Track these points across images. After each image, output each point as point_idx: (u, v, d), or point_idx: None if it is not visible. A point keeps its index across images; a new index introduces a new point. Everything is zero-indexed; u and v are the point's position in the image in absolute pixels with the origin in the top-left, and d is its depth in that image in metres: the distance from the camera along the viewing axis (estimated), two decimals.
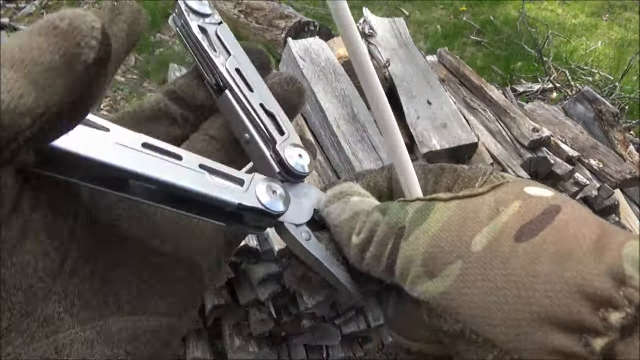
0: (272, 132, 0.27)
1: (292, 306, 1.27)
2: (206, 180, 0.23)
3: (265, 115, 0.27)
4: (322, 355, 1.46)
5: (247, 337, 1.28)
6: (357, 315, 1.42)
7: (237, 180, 0.24)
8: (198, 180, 0.22)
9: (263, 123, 0.27)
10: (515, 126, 1.49)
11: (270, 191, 0.25)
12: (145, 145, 0.21)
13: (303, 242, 0.27)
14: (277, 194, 0.25)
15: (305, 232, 0.28)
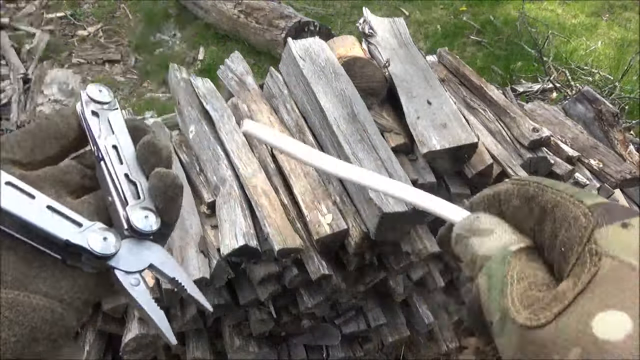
0: (129, 196, 0.32)
1: (292, 306, 1.27)
2: (46, 217, 0.29)
3: (127, 183, 0.33)
4: (322, 355, 1.46)
5: (247, 337, 1.28)
6: (357, 315, 1.42)
7: (76, 223, 0.30)
8: (38, 216, 0.29)
9: (122, 189, 0.33)
10: (515, 126, 1.49)
11: (101, 237, 0.30)
12: (8, 183, 0.29)
13: (128, 287, 0.31)
14: (108, 241, 0.30)
15: (134, 279, 0.32)
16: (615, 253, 0.21)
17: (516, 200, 0.26)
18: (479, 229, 0.27)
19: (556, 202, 0.24)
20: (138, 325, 1.09)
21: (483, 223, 0.27)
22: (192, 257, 1.04)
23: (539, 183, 0.26)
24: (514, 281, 0.23)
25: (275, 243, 1.06)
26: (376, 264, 1.29)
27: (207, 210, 1.18)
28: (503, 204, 0.27)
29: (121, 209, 0.32)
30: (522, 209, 0.26)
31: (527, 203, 0.26)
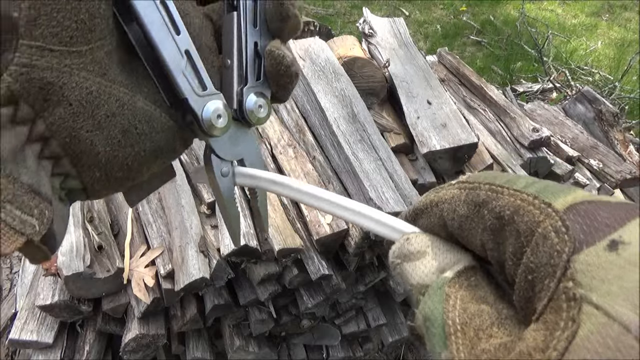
0: (250, 73, 0.29)
1: (292, 306, 1.27)
2: (179, 63, 0.26)
3: (254, 55, 0.29)
4: (322, 355, 1.46)
5: (247, 337, 1.28)
6: (357, 315, 1.42)
7: (202, 84, 0.27)
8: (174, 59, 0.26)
9: (247, 61, 0.28)
10: (515, 126, 1.49)
11: (216, 114, 0.27)
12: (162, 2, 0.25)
13: (218, 176, 0.30)
14: (220, 121, 0.28)
15: (226, 168, 0.30)
16: (601, 301, 0.14)
17: (463, 207, 0.20)
18: (409, 252, 0.22)
19: (516, 207, 0.18)
20: (138, 325, 1.09)
21: (413, 244, 0.22)
22: (192, 257, 1.04)
23: (491, 184, 0.20)
24: (457, 329, 0.18)
25: (275, 243, 1.06)
26: (376, 264, 1.29)
27: (207, 210, 1.18)
28: (447, 215, 0.21)
29: (236, 86, 0.29)
30: (471, 220, 0.20)
31: (478, 211, 0.20)
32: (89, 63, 0.23)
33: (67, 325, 1.14)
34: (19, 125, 0.21)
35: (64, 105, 0.22)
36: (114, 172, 0.25)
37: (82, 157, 0.24)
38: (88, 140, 0.24)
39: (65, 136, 0.23)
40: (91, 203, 1.20)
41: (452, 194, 0.21)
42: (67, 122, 0.23)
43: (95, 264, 1.05)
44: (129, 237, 1.15)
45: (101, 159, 0.25)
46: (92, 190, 0.25)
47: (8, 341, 1.07)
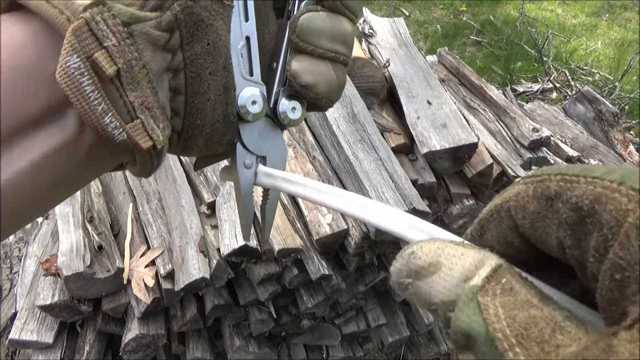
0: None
1: (292, 306, 1.27)
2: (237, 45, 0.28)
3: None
4: (322, 355, 1.46)
5: (247, 337, 1.28)
6: (357, 315, 1.42)
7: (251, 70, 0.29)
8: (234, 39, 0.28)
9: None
10: (515, 126, 1.49)
11: (252, 100, 0.29)
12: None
13: (240, 166, 0.31)
14: (254, 107, 0.29)
15: (249, 161, 0.31)
16: None
17: (533, 203, 0.18)
18: (419, 267, 0.19)
19: (597, 195, 0.16)
20: (138, 325, 1.09)
21: (421, 256, 0.19)
22: (192, 257, 1.04)
23: (563, 174, 0.17)
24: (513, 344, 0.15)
25: (275, 243, 1.06)
26: (376, 264, 1.29)
27: (207, 210, 1.18)
28: (516, 214, 0.19)
29: (276, 87, 0.30)
30: (544, 216, 0.17)
31: (551, 205, 0.17)
32: (226, 16, 0.26)
33: (67, 325, 1.14)
34: (166, 51, 0.24)
35: (203, 43, 0.25)
36: (207, 126, 0.27)
37: (195, 97, 0.26)
38: (207, 82, 0.26)
39: (193, 71, 0.25)
40: (91, 203, 1.20)
41: (518, 190, 0.19)
42: (200, 58, 0.25)
43: (95, 264, 1.05)
44: (129, 237, 1.15)
45: (207, 107, 0.27)
46: (185, 136, 0.27)
47: (8, 341, 1.07)
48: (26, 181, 0.22)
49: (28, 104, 0.22)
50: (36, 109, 0.22)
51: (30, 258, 1.23)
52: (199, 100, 0.26)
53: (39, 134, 0.22)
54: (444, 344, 1.67)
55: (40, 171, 0.23)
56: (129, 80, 0.22)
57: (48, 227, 1.28)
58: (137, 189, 1.24)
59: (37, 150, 0.22)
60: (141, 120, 0.23)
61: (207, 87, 0.26)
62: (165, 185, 1.21)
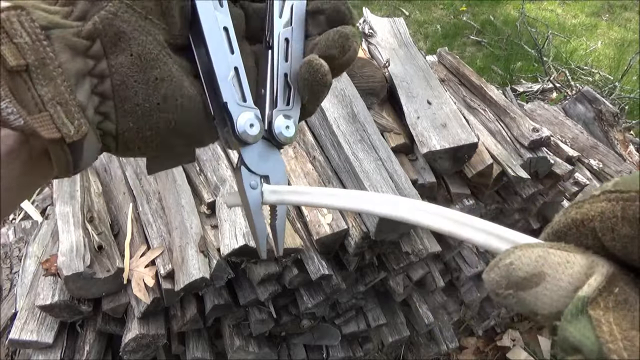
0: (280, 98, 0.33)
1: (292, 306, 1.27)
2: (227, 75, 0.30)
3: (284, 84, 0.33)
4: (322, 355, 1.46)
5: (247, 337, 1.28)
6: (357, 315, 1.42)
7: (244, 97, 0.31)
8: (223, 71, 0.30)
9: (276, 89, 0.33)
10: (515, 126, 1.49)
11: (250, 123, 0.31)
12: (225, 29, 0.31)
13: (247, 187, 0.33)
14: (252, 129, 0.31)
15: (254, 182, 0.33)
16: None
17: (624, 226, 0.16)
18: (520, 278, 0.17)
19: None
20: (138, 325, 1.09)
21: (522, 267, 0.17)
22: (192, 257, 1.04)
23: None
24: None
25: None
26: (376, 264, 1.29)
27: (207, 210, 1.18)
28: (604, 236, 0.17)
29: (268, 109, 0.33)
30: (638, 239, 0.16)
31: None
32: (157, 33, 0.28)
33: (67, 325, 1.14)
34: (89, 58, 0.26)
35: (126, 54, 0.27)
36: (145, 129, 0.29)
37: (124, 103, 0.28)
38: (134, 89, 0.28)
39: (118, 79, 0.27)
40: (91, 203, 1.20)
41: (602, 209, 0.17)
42: (124, 67, 0.27)
43: (95, 264, 1.05)
44: (129, 237, 1.15)
45: (138, 111, 0.28)
46: (122, 139, 0.29)
47: (8, 341, 1.07)
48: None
49: None
50: None
51: (30, 258, 1.23)
52: (128, 105, 0.28)
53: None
54: (444, 344, 1.67)
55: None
56: (40, 76, 0.24)
57: (48, 227, 1.28)
58: (137, 189, 1.24)
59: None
60: (49, 113, 0.24)
61: (135, 93, 0.28)
62: (165, 185, 1.21)
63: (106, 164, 1.33)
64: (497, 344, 1.88)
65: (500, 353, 1.86)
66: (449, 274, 1.59)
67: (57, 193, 1.19)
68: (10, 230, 1.49)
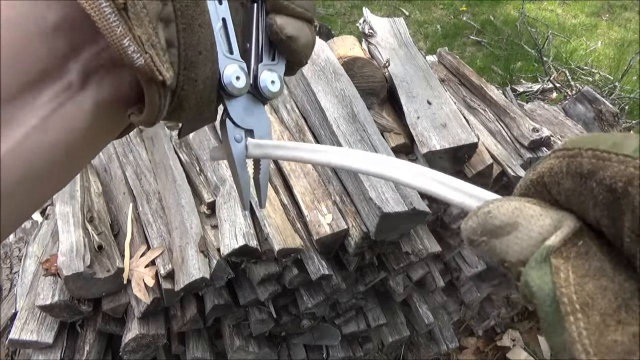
0: (265, 53, 0.33)
1: (292, 306, 1.27)
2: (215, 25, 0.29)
3: (268, 40, 0.33)
4: (322, 355, 1.46)
5: (247, 337, 1.28)
6: (357, 315, 1.42)
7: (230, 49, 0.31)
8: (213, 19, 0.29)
9: (261, 43, 0.33)
10: (515, 126, 1.49)
11: (236, 75, 0.31)
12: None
13: (232, 140, 0.33)
14: (239, 81, 0.31)
15: (239, 135, 0.34)
16: None
17: (567, 181, 0.18)
18: (495, 226, 0.19)
19: (629, 177, 0.16)
20: (138, 325, 1.09)
21: (498, 216, 0.19)
22: (192, 257, 1.04)
23: (594, 149, 0.17)
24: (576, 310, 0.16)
25: (275, 243, 1.06)
26: (376, 264, 1.29)
27: (207, 210, 1.18)
28: (552, 190, 0.19)
29: (253, 63, 0.33)
30: (579, 193, 0.17)
31: (584, 183, 0.17)
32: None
33: (67, 325, 1.14)
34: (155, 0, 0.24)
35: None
36: (200, 81, 0.28)
37: (188, 50, 0.26)
38: (198, 35, 0.27)
39: (184, 22, 0.26)
40: (91, 203, 1.19)
41: (551, 165, 0.19)
42: (189, 9, 0.26)
43: (95, 264, 1.05)
44: (129, 237, 1.15)
45: (199, 60, 0.27)
46: (180, 94, 0.27)
47: (8, 341, 1.07)
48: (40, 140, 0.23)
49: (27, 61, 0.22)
50: (38, 65, 0.22)
51: (30, 258, 1.23)
52: (192, 52, 0.26)
53: (44, 92, 0.23)
54: (444, 344, 1.67)
55: (51, 128, 0.23)
56: (134, 16, 0.23)
57: (48, 227, 1.28)
58: (137, 188, 1.24)
59: (45, 107, 0.23)
60: (150, 55, 0.24)
61: (198, 39, 0.27)
62: (165, 185, 1.21)
63: (106, 164, 1.33)
64: (497, 344, 1.88)
65: (500, 353, 1.86)
66: (449, 274, 1.59)
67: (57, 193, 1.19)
68: None
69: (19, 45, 0.22)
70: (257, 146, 0.34)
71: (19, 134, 0.22)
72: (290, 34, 0.32)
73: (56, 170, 0.25)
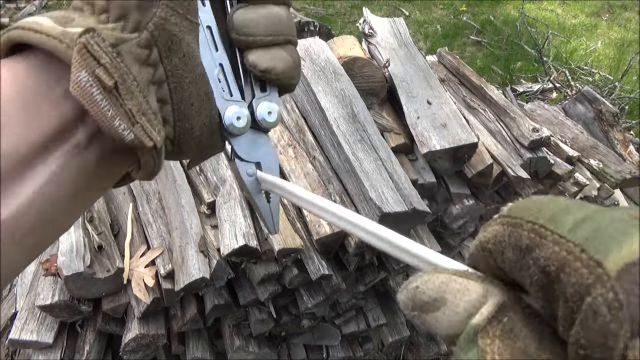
0: (256, 87, 0.35)
1: (292, 306, 1.27)
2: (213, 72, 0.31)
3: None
4: (322, 355, 1.46)
5: (247, 337, 1.28)
6: (357, 315, 1.42)
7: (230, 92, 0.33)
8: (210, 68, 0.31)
9: (251, 78, 0.34)
10: (515, 126, 1.49)
11: (236, 116, 0.33)
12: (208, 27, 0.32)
13: (244, 176, 0.35)
14: (239, 122, 0.33)
15: (250, 169, 0.36)
16: None
17: (509, 251, 0.18)
18: (423, 302, 0.19)
19: (561, 262, 0.16)
20: (138, 325, 1.09)
21: (426, 292, 0.19)
22: (192, 257, 1.04)
23: (534, 222, 0.17)
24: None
25: (275, 243, 1.06)
26: (376, 264, 1.29)
27: (207, 210, 1.18)
28: (497, 258, 0.19)
29: (248, 100, 0.34)
30: (520, 267, 0.18)
31: (523, 257, 0.17)
32: (194, 32, 0.30)
33: (67, 325, 1.14)
34: (149, 66, 0.27)
35: (179, 56, 0.29)
36: (196, 129, 0.31)
37: (180, 104, 0.29)
38: (188, 90, 0.29)
39: (174, 81, 0.29)
40: None
41: (495, 232, 0.19)
42: (178, 69, 0.29)
43: (95, 264, 1.05)
44: (129, 237, 1.15)
45: (192, 111, 0.30)
46: (179, 142, 0.30)
47: (8, 341, 1.07)
48: (51, 192, 0.26)
49: (41, 124, 0.25)
50: (49, 128, 0.25)
51: None
52: (184, 106, 0.30)
53: (55, 150, 0.26)
54: (444, 344, 1.67)
55: (59, 183, 0.26)
56: (125, 91, 0.26)
57: None
58: (137, 189, 1.24)
59: (56, 163, 0.26)
60: (141, 124, 0.26)
61: (189, 94, 0.30)
62: (165, 185, 1.21)
63: None
64: None
65: None
66: None
67: None
68: None
69: (32, 110, 0.25)
70: (271, 184, 0.36)
71: (31, 189, 0.25)
72: (263, 67, 0.33)
73: (61, 218, 0.28)
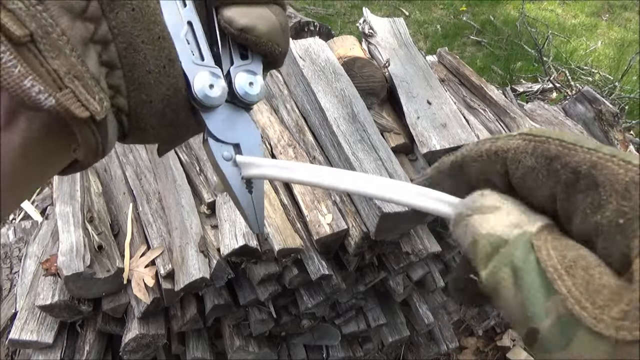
0: (234, 54, 0.29)
1: (292, 306, 1.27)
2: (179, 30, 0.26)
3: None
4: (322, 355, 1.46)
5: (247, 337, 1.28)
6: (357, 315, 1.42)
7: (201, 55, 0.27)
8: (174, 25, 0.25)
9: (229, 43, 0.28)
10: (515, 126, 1.49)
11: (209, 83, 0.27)
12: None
13: (219, 159, 0.29)
14: (213, 90, 0.27)
15: (227, 152, 0.29)
16: None
17: (531, 159, 0.20)
18: (482, 205, 0.21)
19: (593, 163, 0.19)
20: (138, 325, 1.09)
21: (488, 199, 0.21)
22: (192, 257, 1.04)
23: (561, 140, 0.20)
24: (562, 273, 0.18)
25: (275, 243, 1.06)
26: (376, 264, 1.29)
27: (207, 210, 1.18)
28: (511, 163, 0.21)
29: (225, 67, 0.29)
30: (537, 172, 0.20)
31: (549, 164, 0.20)
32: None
33: (67, 325, 1.14)
34: (87, 21, 0.23)
35: (127, 9, 0.24)
36: (157, 102, 0.26)
37: (134, 70, 0.24)
38: (142, 52, 0.24)
39: (123, 41, 0.24)
40: (91, 203, 1.20)
41: (517, 144, 0.21)
42: (127, 26, 0.24)
43: (95, 264, 1.05)
44: (129, 237, 1.15)
45: (150, 79, 0.25)
46: (135, 116, 0.25)
47: (8, 341, 1.07)
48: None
49: None
50: None
51: (30, 258, 1.23)
52: (139, 73, 0.24)
53: None
54: (444, 344, 1.67)
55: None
56: (48, 47, 0.21)
57: (48, 227, 1.28)
58: (137, 189, 1.24)
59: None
60: (71, 89, 0.21)
61: (144, 58, 0.24)
62: (165, 185, 1.21)
63: (106, 164, 1.33)
64: (497, 344, 1.88)
65: (500, 353, 1.86)
66: (449, 273, 1.59)
67: (57, 193, 1.19)
68: (10, 230, 1.49)
69: None
70: (251, 165, 0.30)
71: None
72: (240, 25, 0.27)
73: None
